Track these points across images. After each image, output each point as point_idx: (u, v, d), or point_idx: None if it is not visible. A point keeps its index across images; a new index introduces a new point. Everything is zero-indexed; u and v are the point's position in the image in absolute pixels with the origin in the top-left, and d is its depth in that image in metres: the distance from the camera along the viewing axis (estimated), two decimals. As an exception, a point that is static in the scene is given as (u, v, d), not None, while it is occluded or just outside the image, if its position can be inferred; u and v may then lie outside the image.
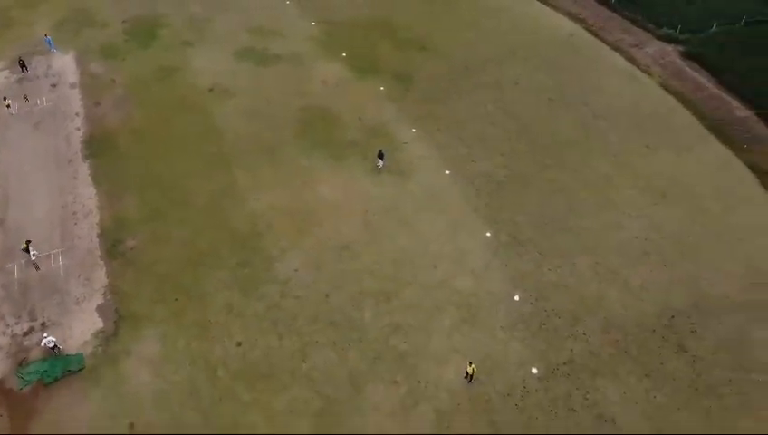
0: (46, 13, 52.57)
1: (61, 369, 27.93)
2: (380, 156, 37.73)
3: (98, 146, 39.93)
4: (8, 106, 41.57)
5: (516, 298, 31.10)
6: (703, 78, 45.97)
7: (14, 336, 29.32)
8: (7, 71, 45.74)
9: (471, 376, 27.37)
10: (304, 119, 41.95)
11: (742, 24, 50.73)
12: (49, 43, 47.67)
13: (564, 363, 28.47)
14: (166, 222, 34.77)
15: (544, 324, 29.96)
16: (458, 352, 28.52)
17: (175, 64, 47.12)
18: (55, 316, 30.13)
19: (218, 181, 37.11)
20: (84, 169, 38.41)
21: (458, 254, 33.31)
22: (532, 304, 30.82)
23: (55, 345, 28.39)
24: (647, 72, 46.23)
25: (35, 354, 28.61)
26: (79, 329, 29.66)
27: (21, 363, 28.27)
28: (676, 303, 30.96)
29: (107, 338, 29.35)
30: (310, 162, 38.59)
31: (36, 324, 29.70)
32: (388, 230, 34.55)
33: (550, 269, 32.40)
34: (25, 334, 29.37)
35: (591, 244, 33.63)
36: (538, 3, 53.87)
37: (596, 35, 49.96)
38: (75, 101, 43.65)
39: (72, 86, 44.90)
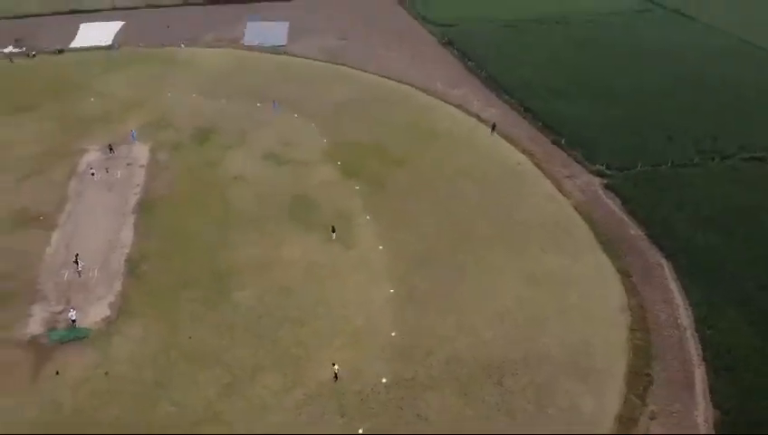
0: (138, 116, 72.48)
1: (73, 335, 42.02)
2: (333, 230, 51.37)
3: (144, 206, 56.25)
4: (93, 174, 59.69)
5: (393, 334, 42.38)
6: (614, 205, 56.77)
7: (51, 313, 44.04)
8: (100, 152, 64.55)
9: (336, 375, 38.59)
10: (293, 203, 56.62)
11: (668, 165, 61.68)
12: (133, 136, 66.72)
13: (407, 379, 39.09)
14: (171, 257, 49.50)
15: (405, 353, 40.87)
16: (336, 362, 39.70)
17: (216, 159, 64.18)
18: (81, 305, 44.64)
19: (216, 236, 51.84)
20: (131, 220, 54.51)
21: (364, 301, 45.37)
22: (402, 339, 41.97)
23: (75, 320, 42.74)
24: (567, 196, 57.84)
25: (60, 325, 43.01)
26: (93, 314, 43.94)
27: (50, 329, 42.70)
28: (511, 354, 41.07)
29: (109, 322, 43.38)
30: (284, 231, 52.71)
31: (68, 307, 44.28)
32: (322, 281, 47.32)
33: (425, 319, 43.62)
34: (59, 313, 43.98)
35: (465, 306, 44.70)
36: (503, 140, 67.66)
37: (539, 166, 62.58)
38: (140, 176, 61.10)
39: (141, 167, 62.65)
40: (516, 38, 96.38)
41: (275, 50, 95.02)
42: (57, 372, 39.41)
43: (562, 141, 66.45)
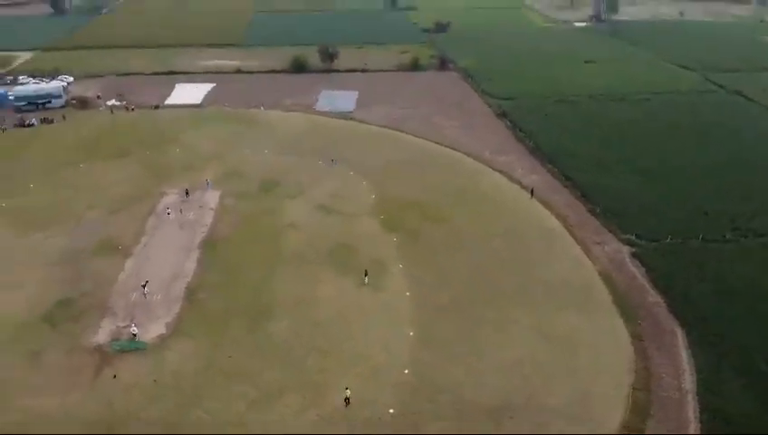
0: (214, 167, 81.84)
1: (133, 347, 48.96)
2: (366, 274, 56.75)
3: (208, 244, 63.94)
4: (168, 214, 68.56)
5: (406, 372, 46.59)
6: (638, 273, 59.06)
7: (117, 327, 51.40)
8: (177, 195, 73.77)
9: (348, 400, 43.07)
10: (334, 249, 62.67)
11: (699, 239, 63.40)
12: (208, 184, 75.72)
13: (412, 412, 42.98)
14: (224, 289, 56.25)
15: (415, 389, 44.90)
16: (351, 389, 44.23)
17: (275, 207, 71.64)
18: (143, 322, 51.74)
19: (264, 272, 58.42)
20: (195, 254, 62.16)
21: (385, 340, 50.00)
22: (414, 377, 46.09)
23: (135, 334, 49.74)
24: (594, 261, 60.71)
25: (123, 337, 50.07)
26: (152, 331, 50.88)
27: (114, 340, 49.86)
28: (513, 400, 44.24)
29: (164, 338, 50.12)
30: (322, 274, 58.56)
31: (131, 323, 51.41)
32: (350, 319, 52.44)
33: (438, 361, 47.59)
34: (123, 327, 51.21)
35: (477, 354, 48.38)
36: (540, 205, 71.63)
37: (571, 232, 65.90)
38: (209, 218, 69.26)
39: (211, 210, 70.95)
40: (568, 112, 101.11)
41: (344, 115, 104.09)
42: (114, 376, 46.13)
43: (597, 210, 69.60)
